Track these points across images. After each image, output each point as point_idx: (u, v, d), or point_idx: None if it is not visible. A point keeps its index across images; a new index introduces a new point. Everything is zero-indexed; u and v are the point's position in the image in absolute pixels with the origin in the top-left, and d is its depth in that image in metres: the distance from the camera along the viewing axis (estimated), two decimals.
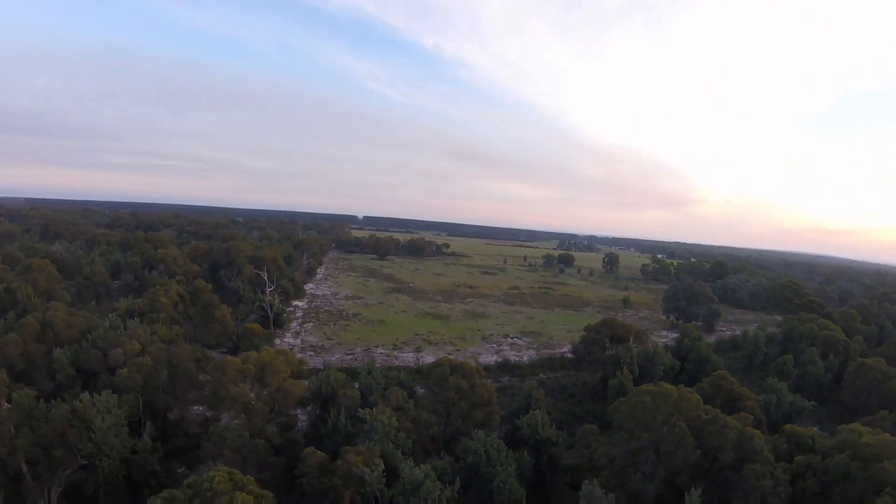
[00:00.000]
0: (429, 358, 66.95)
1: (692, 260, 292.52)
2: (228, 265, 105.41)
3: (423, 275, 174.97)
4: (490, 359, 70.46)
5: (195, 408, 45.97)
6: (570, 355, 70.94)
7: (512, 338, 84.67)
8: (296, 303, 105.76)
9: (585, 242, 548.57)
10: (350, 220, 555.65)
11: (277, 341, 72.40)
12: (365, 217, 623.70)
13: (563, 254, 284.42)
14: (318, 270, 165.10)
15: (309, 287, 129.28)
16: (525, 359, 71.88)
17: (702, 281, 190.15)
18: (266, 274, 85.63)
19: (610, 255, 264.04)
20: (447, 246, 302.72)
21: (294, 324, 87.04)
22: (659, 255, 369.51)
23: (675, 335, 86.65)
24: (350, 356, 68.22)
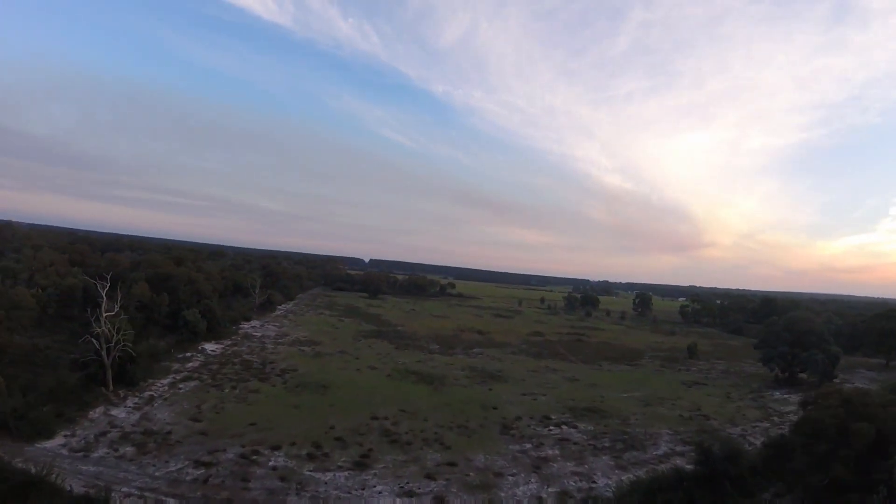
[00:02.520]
0: (380, 486, 29.04)
1: (734, 295, 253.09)
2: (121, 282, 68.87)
3: (418, 316, 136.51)
4: (527, 489, 31.50)
5: None
6: (686, 465, 32.35)
7: (557, 423, 45.48)
8: (206, 345, 68.66)
9: (599, 288, 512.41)
10: (356, 263, 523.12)
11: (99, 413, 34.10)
12: (371, 260, 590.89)
13: (586, 295, 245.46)
14: (282, 306, 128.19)
15: (250, 325, 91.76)
16: (601, 482, 32.77)
17: (748, 321, 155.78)
18: (112, 289, 48.17)
19: (641, 295, 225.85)
20: (452, 286, 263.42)
21: (166, 380, 49.70)
22: (680, 299, 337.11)
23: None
24: (190, 476, 29.77)
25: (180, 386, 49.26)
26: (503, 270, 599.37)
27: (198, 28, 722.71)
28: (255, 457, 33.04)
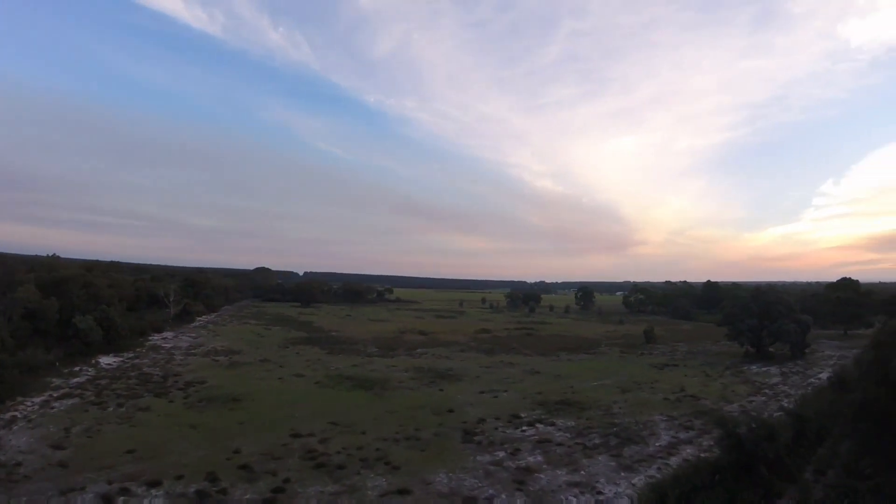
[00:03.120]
0: None
1: (680, 283, 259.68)
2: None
3: (354, 321, 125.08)
4: None
5: None
6: (703, 454, 24.87)
7: (530, 422, 36.63)
8: (102, 358, 55.98)
9: (536, 288, 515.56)
10: (290, 277, 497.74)
11: None
12: (306, 272, 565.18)
13: (528, 292, 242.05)
14: (203, 317, 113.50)
15: (161, 336, 78.09)
16: (609, 491, 23.95)
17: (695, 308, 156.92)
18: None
19: (584, 288, 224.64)
20: (390, 291, 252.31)
21: (39, 398, 37.76)
22: (618, 293, 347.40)
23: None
24: None
25: (54, 405, 37.32)
26: (442, 277, 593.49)
27: (126, 38, 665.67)
28: (122, 497, 22.10)
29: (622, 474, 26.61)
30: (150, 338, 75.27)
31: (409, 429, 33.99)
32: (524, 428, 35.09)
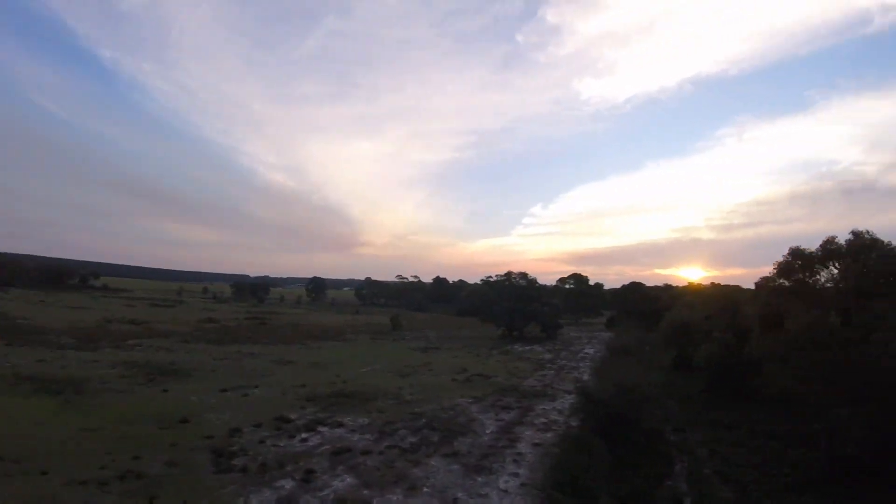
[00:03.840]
0: None
1: (409, 278, 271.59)
2: None
3: (49, 308, 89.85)
4: None
5: None
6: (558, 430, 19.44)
7: (308, 425, 25.28)
8: None
9: (259, 283, 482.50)
10: None
11: None
12: None
13: (255, 283, 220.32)
14: None
15: None
16: None
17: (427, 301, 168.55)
18: None
19: (316, 280, 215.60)
20: (96, 277, 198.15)
21: None
22: (345, 289, 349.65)
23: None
24: None
25: None
26: (157, 267, 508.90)
27: None
28: None
29: (479, 479, 18.54)
30: None
31: (124, 457, 19.35)
32: (303, 435, 23.92)
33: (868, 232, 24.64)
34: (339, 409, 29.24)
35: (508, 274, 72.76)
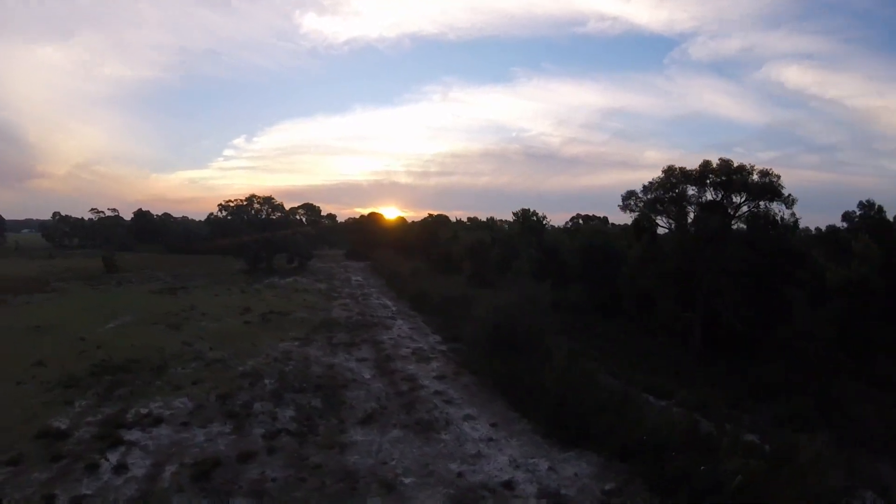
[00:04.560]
0: None
1: (106, 212, 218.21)
2: None
3: None
4: None
5: None
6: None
7: (107, 432, 15.32)
8: None
9: None
10: None
11: None
12: None
13: None
14: None
15: None
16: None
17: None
18: None
19: None
20: None
21: None
22: (24, 231, 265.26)
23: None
24: None
25: None
26: None
27: None
28: None
29: (444, 436, 14.00)
30: None
31: None
32: (110, 460, 14.18)
33: None
34: (126, 392, 19.11)
35: (251, 199, 62.02)
